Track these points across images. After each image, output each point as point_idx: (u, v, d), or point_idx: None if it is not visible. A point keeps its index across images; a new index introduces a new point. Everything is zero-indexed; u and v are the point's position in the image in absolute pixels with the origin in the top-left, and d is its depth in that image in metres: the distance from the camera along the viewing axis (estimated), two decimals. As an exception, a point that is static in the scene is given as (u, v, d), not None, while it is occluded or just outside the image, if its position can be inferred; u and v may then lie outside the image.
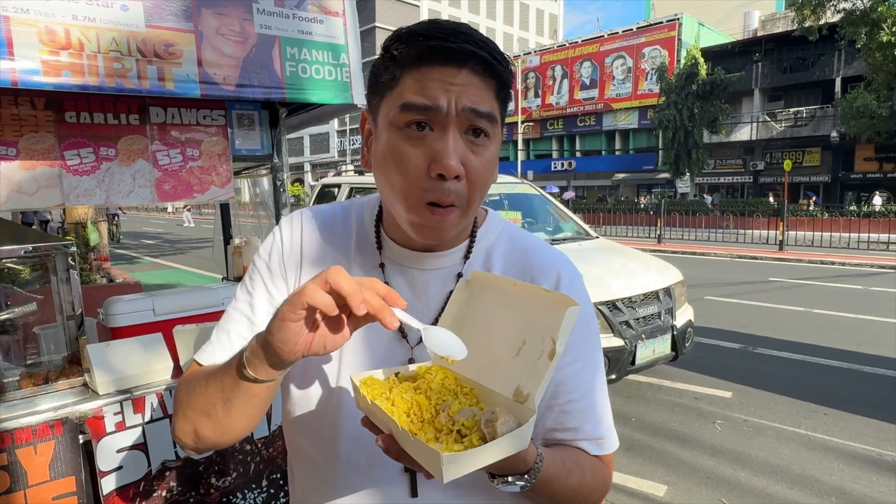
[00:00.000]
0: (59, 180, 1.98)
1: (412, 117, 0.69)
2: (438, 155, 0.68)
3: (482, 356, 0.70)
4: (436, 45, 0.68)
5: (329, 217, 0.87)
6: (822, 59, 26.27)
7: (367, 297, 0.59)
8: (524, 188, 5.66)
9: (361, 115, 0.82)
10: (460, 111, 0.68)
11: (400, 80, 0.70)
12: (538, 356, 0.64)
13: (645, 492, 3.18)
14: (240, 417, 0.72)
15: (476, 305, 0.73)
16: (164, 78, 1.85)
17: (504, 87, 0.73)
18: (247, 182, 4.26)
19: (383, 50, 0.73)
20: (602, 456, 0.81)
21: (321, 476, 0.82)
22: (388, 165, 0.72)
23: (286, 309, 0.60)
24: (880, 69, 18.95)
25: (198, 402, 0.74)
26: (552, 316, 0.63)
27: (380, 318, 0.60)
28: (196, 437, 0.76)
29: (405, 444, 0.59)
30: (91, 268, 6.59)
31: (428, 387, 0.68)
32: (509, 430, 0.58)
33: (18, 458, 1.59)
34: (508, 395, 0.64)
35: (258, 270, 0.84)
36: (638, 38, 31.70)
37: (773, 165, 27.87)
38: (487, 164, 0.73)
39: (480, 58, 0.68)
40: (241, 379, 0.67)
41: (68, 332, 1.98)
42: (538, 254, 0.86)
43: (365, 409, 0.66)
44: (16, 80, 1.61)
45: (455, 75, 0.68)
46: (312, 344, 0.63)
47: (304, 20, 2.15)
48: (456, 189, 0.70)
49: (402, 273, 0.82)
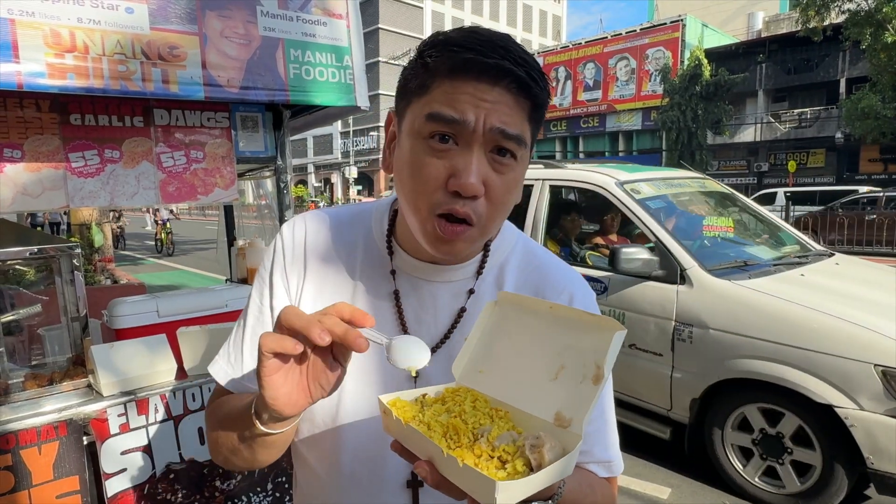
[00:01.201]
0: (63, 182, 1.99)
1: (437, 129, 0.66)
2: (459, 171, 0.66)
3: (514, 379, 0.68)
4: (471, 58, 0.64)
5: (334, 221, 0.85)
6: (827, 60, 26.17)
7: (328, 325, 0.57)
8: (712, 184, 4.37)
9: (388, 115, 0.78)
10: (488, 130, 0.65)
11: (430, 88, 0.67)
12: (580, 381, 0.62)
13: (649, 494, 3.17)
14: (265, 456, 0.73)
15: (506, 327, 0.71)
16: (168, 80, 1.86)
17: (538, 108, 0.69)
18: (250, 184, 4.27)
19: (417, 54, 0.70)
20: (609, 478, 0.81)
21: (323, 489, 0.81)
22: (406, 173, 0.70)
23: (258, 365, 0.59)
24: (885, 70, 18.86)
25: (222, 443, 0.74)
26: (596, 340, 0.61)
27: (347, 344, 0.57)
28: (229, 464, 0.77)
29: (449, 470, 0.56)
30: (95, 269, 6.62)
31: (461, 409, 0.66)
32: (556, 457, 0.56)
33: (23, 458, 1.60)
34: (548, 420, 0.62)
35: (264, 282, 0.82)
36: (641, 39, 31.64)
37: (778, 167, 27.76)
38: (510, 185, 0.70)
39: (516, 76, 0.65)
40: (256, 434, 0.66)
41: (73, 333, 1.99)
42: (552, 271, 0.84)
43: (397, 433, 0.63)
44: (21, 82, 1.62)
45: (487, 91, 0.65)
46: (310, 390, 0.61)
47: (307, 22, 2.15)
48: (475, 208, 0.68)
49: (411, 283, 0.80)
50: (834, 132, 24.97)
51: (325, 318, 0.57)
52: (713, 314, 3.05)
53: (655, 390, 3.35)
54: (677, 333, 3.19)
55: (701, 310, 3.10)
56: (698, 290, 3.13)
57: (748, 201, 4.43)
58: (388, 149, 0.78)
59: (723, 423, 3.09)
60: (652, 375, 3.34)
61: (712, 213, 3.96)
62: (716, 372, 3.03)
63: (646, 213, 3.49)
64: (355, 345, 0.57)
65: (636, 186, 3.73)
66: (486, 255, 0.82)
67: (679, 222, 3.80)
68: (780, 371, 2.78)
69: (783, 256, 3.69)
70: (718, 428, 3.11)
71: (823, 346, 2.68)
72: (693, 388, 3.15)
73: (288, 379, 0.59)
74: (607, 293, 3.52)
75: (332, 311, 0.59)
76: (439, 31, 0.70)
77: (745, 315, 2.95)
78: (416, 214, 0.70)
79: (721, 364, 3.00)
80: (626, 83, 32.38)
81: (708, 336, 3.05)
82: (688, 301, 3.16)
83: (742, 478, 3.06)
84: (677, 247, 3.28)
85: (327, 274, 0.81)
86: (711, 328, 3.04)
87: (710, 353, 3.05)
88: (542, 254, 0.87)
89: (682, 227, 3.72)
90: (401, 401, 0.67)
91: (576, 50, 34.85)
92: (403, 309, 0.79)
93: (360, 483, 0.78)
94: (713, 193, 4.26)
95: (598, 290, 3.53)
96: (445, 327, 0.79)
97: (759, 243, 3.95)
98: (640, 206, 3.54)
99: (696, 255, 3.27)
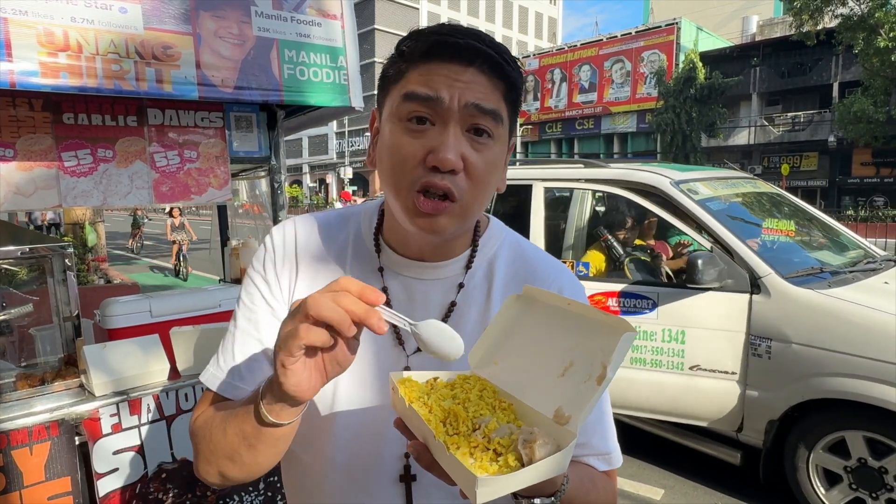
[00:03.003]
0: (56, 181, 1.98)
1: (414, 108, 0.67)
2: (436, 147, 0.67)
3: (524, 372, 0.68)
4: (443, 40, 0.67)
5: (324, 223, 0.85)
6: (820, 63, 26.34)
7: (348, 307, 0.56)
8: (763, 185, 4.10)
9: (371, 114, 0.79)
10: (463, 107, 0.67)
11: (406, 73, 0.69)
12: (585, 379, 0.62)
13: (642, 495, 3.18)
14: (266, 458, 0.70)
15: (525, 321, 0.71)
16: (162, 80, 1.86)
17: (513, 88, 0.71)
18: (244, 184, 4.26)
19: (395, 49, 0.72)
20: (608, 471, 0.81)
21: (318, 485, 0.81)
22: (385, 156, 0.71)
23: (283, 355, 0.58)
24: (877, 74, 19.00)
25: (219, 447, 0.71)
26: (606, 340, 0.61)
27: (368, 326, 0.56)
28: (222, 477, 0.73)
29: (439, 456, 0.57)
30: (88, 269, 6.58)
31: (466, 397, 0.66)
32: (547, 454, 0.56)
33: (14, 459, 1.59)
34: (548, 416, 0.62)
35: (254, 284, 0.81)
36: (637, 41, 31.75)
37: (771, 170, 27.90)
38: (490, 162, 0.71)
39: (488, 56, 0.67)
40: (263, 426, 0.65)
41: (65, 333, 1.98)
42: (541, 266, 0.85)
43: (401, 411, 0.64)
44: (14, 81, 1.61)
45: (461, 73, 0.67)
46: (327, 371, 0.61)
47: (302, 23, 2.15)
48: (455, 182, 0.68)
49: (400, 282, 0.80)
50: (827, 136, 25.13)
51: (343, 298, 0.56)
52: (796, 327, 2.76)
53: (720, 411, 3.03)
54: (752, 348, 2.90)
55: (782, 322, 2.81)
56: (777, 301, 2.83)
57: (801, 203, 4.03)
58: (372, 144, 0.79)
59: (812, 445, 2.79)
60: (717, 395, 3.02)
61: (767, 215, 3.61)
62: (800, 391, 2.74)
63: (710, 215, 3.13)
64: (377, 327, 0.56)
65: (692, 186, 3.37)
66: (475, 250, 0.83)
67: (740, 225, 3.40)
68: (879, 391, 2.50)
69: (854, 262, 3.37)
70: (806, 449, 2.81)
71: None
72: (771, 408, 2.85)
73: (307, 364, 0.59)
74: (657, 308, 3.14)
75: (340, 287, 0.57)
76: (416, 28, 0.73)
77: (835, 328, 2.66)
78: (396, 195, 0.71)
79: (806, 382, 2.72)
80: (622, 85, 32.48)
81: (790, 351, 2.77)
82: (765, 312, 2.86)
83: (822, 503, 2.79)
84: (750, 253, 2.96)
85: (318, 273, 0.81)
86: (794, 342, 2.75)
87: (793, 369, 2.76)
88: (530, 248, 0.88)
89: (744, 231, 3.29)
90: (411, 380, 0.67)
91: (571, 52, 34.95)
92: (392, 306, 0.79)
93: (354, 478, 0.78)
94: (765, 194, 3.93)
95: (646, 307, 3.16)
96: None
97: (820, 248, 3.63)
98: (702, 207, 3.17)
99: (768, 261, 2.95)
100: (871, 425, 2.63)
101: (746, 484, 3.20)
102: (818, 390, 2.69)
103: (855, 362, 2.58)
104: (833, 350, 2.65)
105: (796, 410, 2.82)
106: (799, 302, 2.79)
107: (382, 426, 0.76)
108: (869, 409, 2.59)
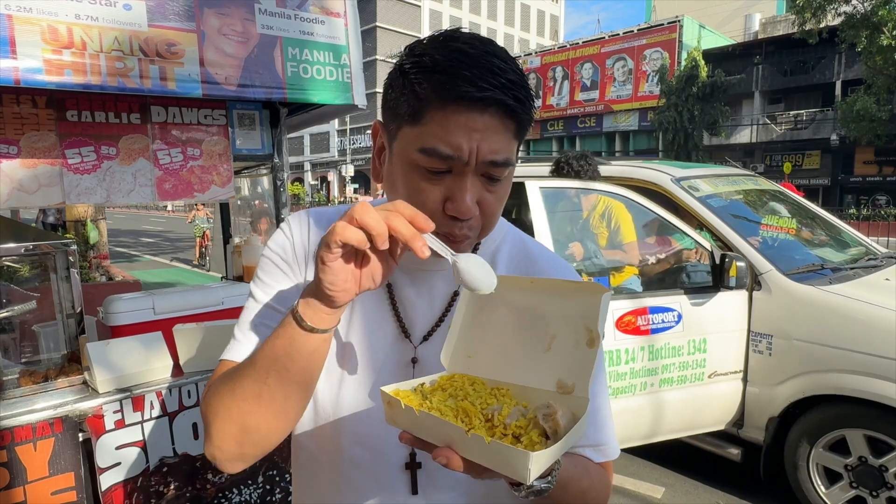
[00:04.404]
0: (60, 179, 1.99)
1: (434, 164, 0.69)
2: (455, 196, 0.70)
3: (506, 357, 0.69)
4: (463, 91, 0.66)
5: (335, 217, 0.86)
6: (823, 62, 26.28)
7: (395, 225, 0.59)
8: (764, 182, 4.06)
9: (374, 126, 0.79)
10: (480, 162, 0.69)
11: (422, 119, 0.69)
12: (574, 346, 0.64)
13: (643, 493, 3.19)
14: (296, 390, 0.69)
15: (488, 309, 0.72)
16: (165, 77, 1.86)
17: (523, 128, 0.72)
18: (246, 182, 4.27)
19: (399, 70, 0.71)
20: (603, 463, 0.82)
21: (325, 475, 0.83)
22: (402, 195, 0.72)
23: (323, 251, 0.61)
24: (880, 73, 18.95)
25: (242, 389, 0.69)
26: (583, 304, 0.63)
27: (411, 247, 0.59)
28: (243, 434, 0.70)
29: (472, 451, 0.56)
30: (90, 266, 6.59)
31: (465, 393, 0.66)
32: (569, 423, 0.58)
33: (18, 454, 1.60)
34: (550, 389, 0.64)
35: (272, 261, 0.83)
36: (639, 39, 31.69)
37: (773, 168, 27.85)
38: (501, 198, 0.75)
39: (503, 103, 0.68)
40: (300, 330, 0.65)
41: (68, 330, 1.98)
42: (543, 261, 0.88)
43: (408, 423, 0.62)
44: (18, 78, 1.61)
45: (478, 119, 0.67)
46: (362, 280, 0.64)
47: (305, 21, 2.16)
48: (470, 225, 0.72)
49: (406, 272, 0.83)
50: (829, 134, 25.08)
51: (394, 218, 0.59)
52: (797, 323, 2.77)
53: (731, 411, 3.03)
54: (753, 345, 2.91)
55: (782, 318, 2.82)
56: (777, 297, 2.84)
57: (802, 200, 4.02)
58: (377, 158, 0.80)
59: (812, 442, 2.79)
60: (727, 396, 3.00)
61: (769, 212, 3.58)
62: (801, 388, 2.74)
63: (710, 212, 3.11)
64: (419, 252, 0.59)
65: (693, 183, 3.35)
66: (479, 244, 0.85)
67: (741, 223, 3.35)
68: (880, 388, 2.50)
69: (855, 259, 3.36)
70: (806, 447, 2.81)
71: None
72: (772, 405, 2.86)
73: (345, 266, 0.62)
74: (682, 320, 2.96)
75: (394, 207, 0.60)
76: (420, 47, 0.71)
77: (836, 324, 2.66)
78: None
79: (807, 379, 2.72)
80: (624, 83, 32.42)
81: (791, 347, 2.77)
82: (765, 309, 2.88)
83: (823, 501, 2.79)
84: (751, 249, 2.96)
85: None
86: (795, 339, 2.77)
87: (794, 366, 2.77)
88: (534, 246, 0.91)
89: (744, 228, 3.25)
90: (402, 391, 0.67)
91: (573, 50, 34.89)
92: (398, 296, 0.82)
93: (360, 466, 0.80)
94: (766, 191, 3.90)
95: (672, 321, 2.96)
96: (440, 312, 0.82)
97: (821, 245, 3.61)
98: (703, 204, 3.16)
99: (769, 257, 2.94)
100: (871, 423, 2.63)
101: (747, 482, 3.20)
102: (819, 387, 2.69)
103: (856, 359, 2.58)
104: (834, 346, 2.65)
105: (797, 407, 2.82)
106: (799, 298, 2.79)
107: None
108: (869, 408, 2.59)
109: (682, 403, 3.01)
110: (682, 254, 3.31)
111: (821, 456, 2.80)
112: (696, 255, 3.19)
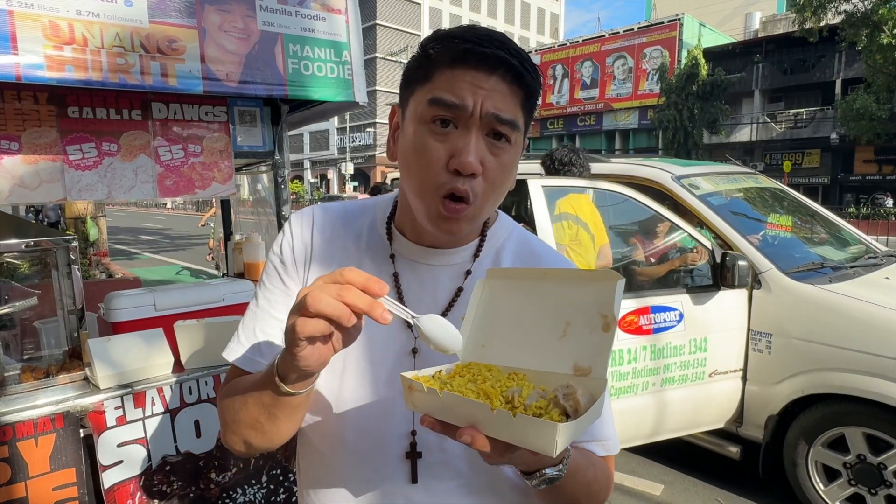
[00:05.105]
0: (61, 175, 1.99)
1: (439, 113, 0.71)
2: (459, 151, 0.71)
3: (521, 345, 0.70)
4: (470, 48, 0.70)
5: (341, 212, 0.90)
6: (823, 60, 26.27)
7: (350, 301, 0.59)
8: (765, 180, 4.01)
9: (392, 109, 0.83)
10: (484, 114, 0.71)
11: (432, 77, 0.73)
12: (590, 331, 0.65)
13: (642, 491, 3.20)
14: (286, 424, 0.76)
15: (501, 300, 0.74)
16: (166, 74, 1.86)
17: (531, 97, 0.75)
18: (247, 179, 4.27)
19: (420, 48, 0.76)
20: (605, 457, 0.83)
21: (327, 466, 0.84)
22: (410, 156, 0.75)
23: (290, 343, 0.62)
24: (880, 71, 18.95)
25: (242, 418, 0.77)
26: (598, 291, 0.65)
27: (372, 317, 0.59)
28: (247, 445, 0.79)
29: (497, 428, 0.57)
30: (90, 263, 6.59)
31: (484, 377, 0.67)
32: (588, 402, 0.59)
33: (19, 450, 1.60)
34: (567, 372, 0.65)
35: (273, 266, 0.87)
36: (639, 38, 31.67)
37: (773, 167, 27.87)
38: (505, 166, 0.75)
39: (511, 65, 0.71)
40: (279, 396, 0.69)
41: (69, 326, 1.99)
42: (547, 259, 0.89)
43: (430, 406, 0.62)
44: (20, 74, 1.61)
45: (485, 80, 0.70)
46: (334, 347, 0.64)
47: (306, 17, 2.15)
48: (472, 186, 0.73)
49: (411, 267, 0.84)
50: (829, 133, 25.08)
51: (347, 293, 0.59)
52: (796, 322, 2.77)
53: (731, 409, 3.04)
54: (752, 343, 2.92)
55: (781, 317, 2.83)
56: (777, 296, 2.84)
57: (803, 198, 3.98)
58: (392, 138, 0.84)
59: (811, 440, 2.79)
60: (728, 395, 3.01)
61: (770, 210, 3.57)
62: (800, 386, 2.74)
63: (711, 210, 3.10)
64: (381, 320, 0.60)
65: (694, 181, 3.33)
66: (483, 239, 0.87)
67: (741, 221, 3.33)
68: (879, 386, 2.50)
69: (855, 258, 3.34)
70: (806, 443, 2.80)
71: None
72: (771, 403, 2.87)
73: (315, 348, 0.63)
74: (684, 320, 2.96)
75: (344, 279, 0.60)
76: (441, 28, 0.76)
77: (835, 323, 2.67)
78: (421, 196, 0.75)
79: (806, 377, 2.72)
80: (624, 82, 32.42)
81: (791, 346, 2.78)
82: (764, 308, 2.88)
83: (822, 499, 2.79)
84: (751, 248, 2.96)
85: (332, 258, 0.86)
86: (795, 337, 2.77)
87: (794, 365, 2.77)
88: (538, 244, 0.92)
89: (744, 226, 3.23)
90: (422, 377, 0.68)
91: (573, 48, 34.87)
92: (403, 290, 0.83)
93: (362, 457, 0.81)
94: (767, 189, 3.86)
95: (674, 320, 2.96)
96: (443, 306, 0.83)
97: (822, 243, 3.58)
98: (704, 203, 3.14)
99: (769, 256, 2.94)
100: (870, 421, 2.63)
101: (746, 479, 3.21)
102: (818, 385, 2.70)
103: (855, 357, 2.58)
104: (833, 345, 2.65)
105: (796, 405, 2.82)
106: (799, 296, 2.79)
107: (389, 405, 0.80)
108: (868, 406, 2.59)
109: (683, 402, 3.02)
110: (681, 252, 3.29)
111: (819, 454, 2.80)
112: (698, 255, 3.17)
